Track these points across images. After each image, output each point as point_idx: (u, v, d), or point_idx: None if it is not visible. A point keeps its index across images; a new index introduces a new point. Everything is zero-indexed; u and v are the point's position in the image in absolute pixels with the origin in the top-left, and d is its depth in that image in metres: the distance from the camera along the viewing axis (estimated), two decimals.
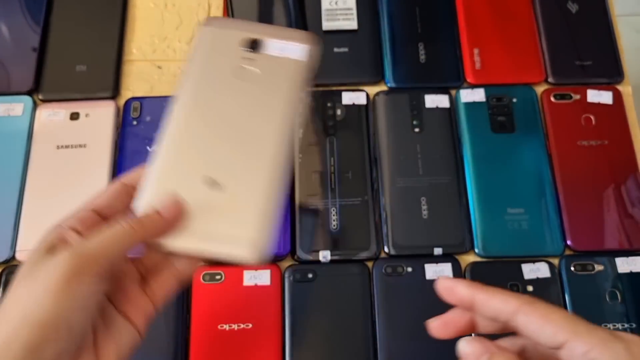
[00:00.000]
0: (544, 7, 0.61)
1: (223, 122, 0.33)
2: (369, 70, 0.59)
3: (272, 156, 0.33)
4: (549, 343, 0.27)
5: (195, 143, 0.33)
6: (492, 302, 0.29)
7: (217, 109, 0.34)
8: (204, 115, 0.33)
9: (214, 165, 0.32)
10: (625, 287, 0.50)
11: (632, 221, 0.53)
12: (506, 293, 0.29)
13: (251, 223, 0.31)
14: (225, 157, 0.32)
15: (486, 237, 0.52)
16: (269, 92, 0.34)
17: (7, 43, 0.59)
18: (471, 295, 0.29)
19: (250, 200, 0.32)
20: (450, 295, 0.30)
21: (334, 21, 0.60)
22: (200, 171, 0.32)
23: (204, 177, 0.32)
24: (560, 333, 0.26)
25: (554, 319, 0.27)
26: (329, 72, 0.58)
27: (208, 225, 0.31)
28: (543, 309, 0.27)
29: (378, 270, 0.51)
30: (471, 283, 0.30)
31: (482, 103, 0.57)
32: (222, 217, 0.31)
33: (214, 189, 0.32)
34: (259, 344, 0.48)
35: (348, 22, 0.60)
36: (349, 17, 0.60)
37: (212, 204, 0.31)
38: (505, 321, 0.28)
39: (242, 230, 0.31)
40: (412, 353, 0.48)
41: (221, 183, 0.32)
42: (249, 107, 0.34)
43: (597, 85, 0.58)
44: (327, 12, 0.60)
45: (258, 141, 0.33)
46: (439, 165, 0.55)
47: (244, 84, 0.34)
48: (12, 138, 0.55)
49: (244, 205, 0.31)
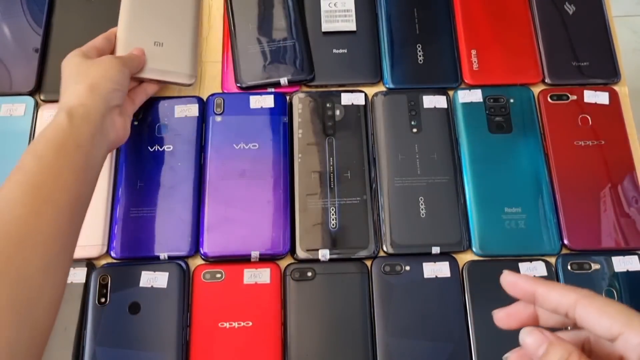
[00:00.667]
0: (541, 8, 0.62)
1: (157, 7, 0.57)
2: (367, 71, 0.59)
3: (190, 20, 0.59)
4: (606, 335, 0.28)
5: (145, 22, 0.56)
6: (552, 295, 0.30)
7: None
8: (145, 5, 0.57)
9: (157, 34, 0.56)
10: (621, 286, 0.51)
11: (628, 220, 0.53)
12: (566, 287, 0.30)
13: (184, 62, 0.57)
14: (162, 27, 0.57)
15: (484, 236, 0.53)
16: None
17: (9, 44, 0.59)
18: (533, 288, 0.31)
19: (181, 50, 0.57)
20: (514, 289, 0.32)
21: (333, 23, 0.61)
22: (150, 39, 0.55)
23: (153, 42, 0.55)
24: (616, 325, 0.28)
25: (609, 312, 0.28)
26: (328, 73, 0.59)
27: (161, 65, 0.55)
28: (600, 302, 0.29)
29: (377, 269, 0.51)
30: (533, 277, 0.32)
31: (479, 103, 0.58)
32: (168, 61, 0.56)
33: (160, 47, 0.56)
34: (259, 342, 0.49)
35: (347, 24, 0.61)
36: (348, 19, 0.61)
37: (160, 55, 0.55)
38: (565, 314, 0.30)
39: (179, 66, 0.56)
40: (410, 350, 0.49)
41: (163, 43, 0.56)
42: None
43: (593, 85, 0.59)
44: (326, 14, 0.61)
45: (180, 13, 0.58)
46: (436, 165, 0.55)
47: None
48: (14, 138, 0.55)
49: (177, 53, 0.57)
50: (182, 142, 0.55)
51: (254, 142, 0.55)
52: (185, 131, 0.56)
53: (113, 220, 0.53)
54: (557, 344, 0.29)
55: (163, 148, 0.55)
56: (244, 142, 0.55)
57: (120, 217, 0.53)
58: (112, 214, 0.53)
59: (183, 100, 0.57)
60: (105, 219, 0.53)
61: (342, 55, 0.60)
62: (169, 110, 0.57)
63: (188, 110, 0.57)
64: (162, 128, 0.56)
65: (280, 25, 0.60)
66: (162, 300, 0.50)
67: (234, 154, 0.55)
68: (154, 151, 0.55)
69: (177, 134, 0.56)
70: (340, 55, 0.60)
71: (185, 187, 0.54)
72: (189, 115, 0.57)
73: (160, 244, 0.52)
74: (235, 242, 0.52)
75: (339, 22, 0.61)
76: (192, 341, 0.49)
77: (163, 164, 0.55)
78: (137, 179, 0.54)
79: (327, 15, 0.61)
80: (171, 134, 0.56)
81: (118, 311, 0.49)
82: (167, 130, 0.56)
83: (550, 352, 0.28)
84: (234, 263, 0.52)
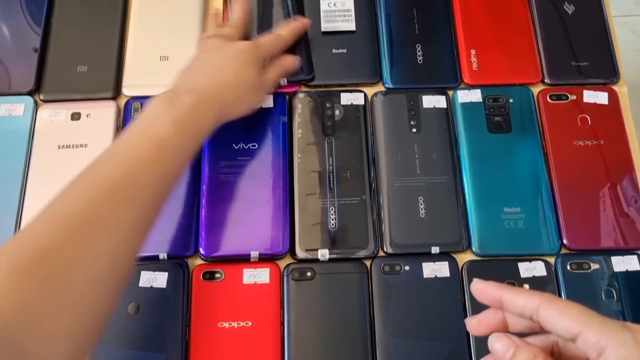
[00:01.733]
0: (540, 8, 0.62)
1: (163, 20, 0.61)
2: (367, 71, 0.59)
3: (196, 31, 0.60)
4: (566, 334, 0.29)
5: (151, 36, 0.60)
6: (518, 300, 0.31)
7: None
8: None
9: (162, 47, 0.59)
10: (621, 286, 0.51)
11: (627, 220, 0.53)
12: (530, 292, 0.32)
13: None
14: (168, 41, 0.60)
15: (483, 236, 0.53)
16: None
17: (8, 43, 0.59)
18: (500, 294, 0.32)
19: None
20: (482, 296, 0.34)
21: (333, 22, 0.61)
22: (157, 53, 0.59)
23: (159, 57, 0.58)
24: (575, 325, 0.29)
25: (569, 313, 0.29)
26: (327, 73, 0.59)
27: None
28: (561, 304, 0.30)
29: (376, 269, 0.51)
30: (500, 284, 0.33)
31: (478, 103, 0.58)
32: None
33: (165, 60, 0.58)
34: (259, 342, 0.49)
35: (346, 24, 0.61)
36: (347, 19, 0.61)
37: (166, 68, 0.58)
38: (530, 317, 0.31)
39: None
40: (410, 350, 0.49)
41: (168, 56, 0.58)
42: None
43: (593, 85, 0.59)
44: (326, 14, 0.61)
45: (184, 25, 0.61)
46: (436, 165, 0.55)
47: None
48: (13, 138, 0.55)
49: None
50: None
51: (254, 142, 0.55)
52: None
53: None
54: (524, 347, 0.30)
55: None
56: (244, 142, 0.55)
57: None
58: None
59: None
60: None
61: (342, 55, 0.60)
62: None
63: None
64: None
65: (280, 25, 0.60)
66: (161, 300, 0.50)
67: (233, 153, 0.55)
68: None
69: None
70: (339, 55, 0.60)
71: (185, 187, 0.54)
72: None
73: (160, 244, 0.52)
74: (234, 242, 0.52)
75: (339, 22, 0.61)
76: (191, 341, 0.49)
77: None
78: None
79: (327, 15, 0.61)
80: None
81: (117, 311, 0.49)
82: None
83: (517, 355, 0.30)
84: (233, 263, 0.52)
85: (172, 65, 0.57)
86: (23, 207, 0.53)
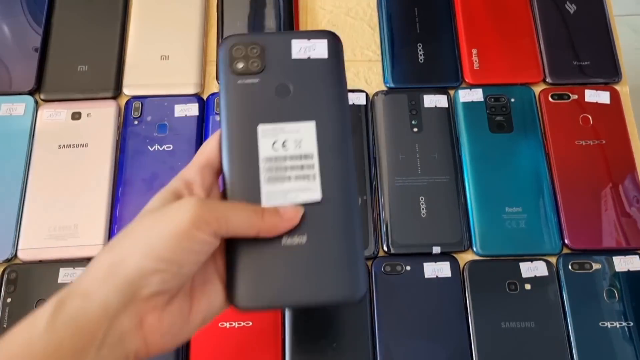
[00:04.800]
0: (542, 7, 0.62)
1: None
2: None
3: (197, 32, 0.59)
4: None
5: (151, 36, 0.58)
6: None
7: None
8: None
9: (163, 47, 0.58)
10: (622, 286, 0.51)
11: (629, 220, 0.53)
12: None
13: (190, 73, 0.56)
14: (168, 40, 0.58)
15: (484, 235, 0.53)
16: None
17: (9, 43, 0.59)
18: None
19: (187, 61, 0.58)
20: None
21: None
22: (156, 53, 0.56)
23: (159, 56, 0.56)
24: None
25: None
26: None
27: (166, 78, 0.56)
28: None
29: (377, 269, 0.51)
30: None
31: (480, 103, 0.57)
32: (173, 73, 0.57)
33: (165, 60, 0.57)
34: (259, 342, 0.49)
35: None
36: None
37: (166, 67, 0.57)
38: None
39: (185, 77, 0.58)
40: (411, 351, 0.49)
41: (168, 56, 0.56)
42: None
43: (594, 85, 0.59)
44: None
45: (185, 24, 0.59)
46: (437, 165, 0.55)
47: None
48: (14, 138, 0.55)
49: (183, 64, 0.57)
50: (182, 142, 0.55)
51: None
52: (185, 130, 0.56)
53: (113, 220, 0.53)
54: None
55: (163, 147, 0.55)
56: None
57: (121, 217, 0.53)
58: (112, 214, 0.53)
59: (183, 99, 0.57)
60: (106, 219, 0.53)
61: None
62: (169, 110, 0.57)
63: (188, 109, 0.57)
64: (162, 127, 0.56)
65: (272, 25, 0.60)
66: None
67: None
68: (154, 150, 0.55)
69: (177, 134, 0.56)
70: None
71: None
72: (189, 114, 0.57)
73: None
74: None
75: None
76: (192, 341, 0.49)
77: (163, 164, 0.55)
78: (138, 179, 0.54)
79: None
80: (171, 133, 0.56)
81: None
82: (167, 130, 0.56)
83: None
84: None
85: (172, 65, 0.58)
86: (23, 206, 0.53)
